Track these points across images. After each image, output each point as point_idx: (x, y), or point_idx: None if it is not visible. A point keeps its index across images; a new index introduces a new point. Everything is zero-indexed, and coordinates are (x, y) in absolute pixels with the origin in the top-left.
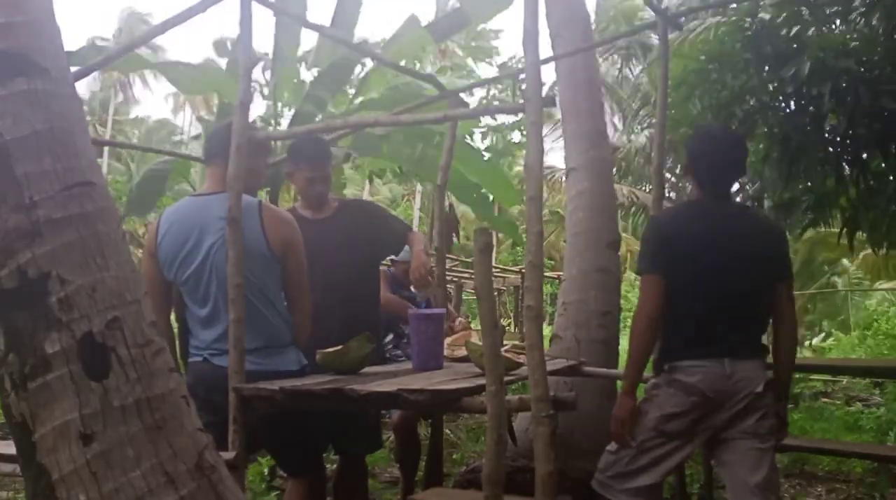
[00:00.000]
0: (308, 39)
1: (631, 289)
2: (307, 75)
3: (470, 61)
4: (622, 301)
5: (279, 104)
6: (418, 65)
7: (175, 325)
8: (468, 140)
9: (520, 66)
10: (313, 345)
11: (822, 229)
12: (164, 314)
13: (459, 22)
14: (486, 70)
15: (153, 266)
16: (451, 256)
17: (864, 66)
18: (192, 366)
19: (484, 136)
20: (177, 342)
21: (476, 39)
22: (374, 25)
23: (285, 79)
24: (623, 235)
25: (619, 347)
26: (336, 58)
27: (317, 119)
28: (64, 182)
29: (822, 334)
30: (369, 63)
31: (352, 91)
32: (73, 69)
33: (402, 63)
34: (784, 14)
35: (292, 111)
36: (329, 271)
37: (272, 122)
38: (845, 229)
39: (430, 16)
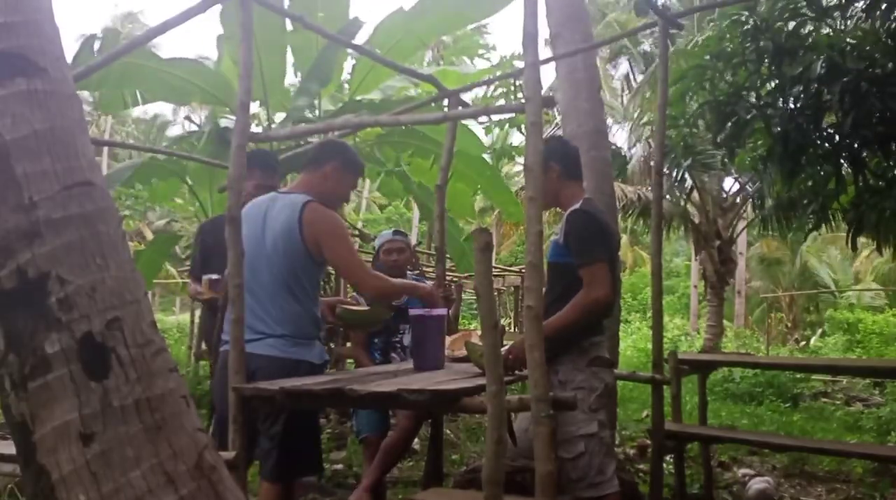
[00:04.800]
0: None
1: (631, 288)
2: (294, 78)
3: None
4: (621, 300)
5: (268, 108)
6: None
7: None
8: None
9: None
10: None
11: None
12: None
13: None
14: (480, 65)
15: None
16: (450, 256)
17: (870, 64)
18: (221, 355)
19: (488, 131)
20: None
21: (464, 39)
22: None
23: (273, 82)
24: (622, 236)
25: (620, 345)
26: (321, 50)
27: (307, 114)
28: (64, 182)
29: (820, 331)
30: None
31: (345, 87)
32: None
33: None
34: (781, 5)
35: (279, 114)
36: None
37: (262, 125)
38: (849, 231)
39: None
